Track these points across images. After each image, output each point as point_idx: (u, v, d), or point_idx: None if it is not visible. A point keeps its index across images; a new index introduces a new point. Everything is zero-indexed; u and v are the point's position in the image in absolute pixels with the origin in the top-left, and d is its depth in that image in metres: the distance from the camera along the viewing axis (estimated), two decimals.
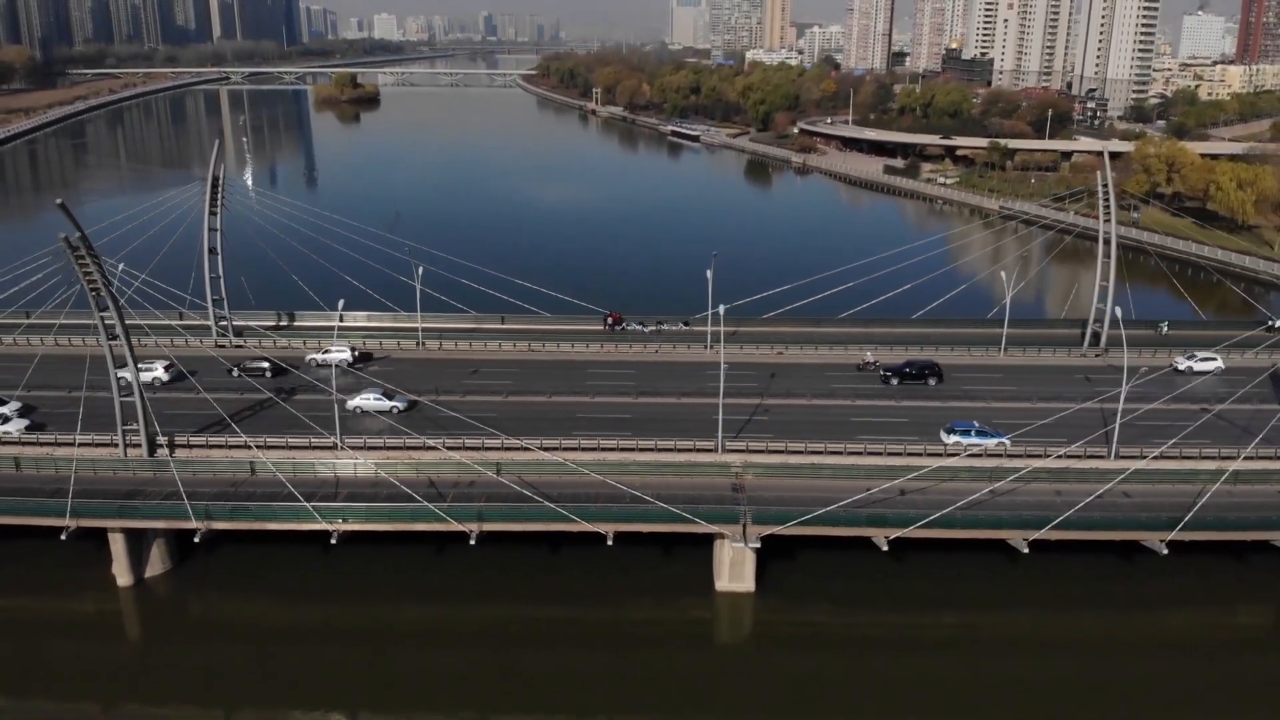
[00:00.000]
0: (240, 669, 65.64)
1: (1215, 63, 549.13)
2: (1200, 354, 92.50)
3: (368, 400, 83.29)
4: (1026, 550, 67.05)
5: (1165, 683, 64.80)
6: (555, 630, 68.97)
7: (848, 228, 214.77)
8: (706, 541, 70.22)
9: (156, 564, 72.09)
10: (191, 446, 75.61)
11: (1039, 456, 72.26)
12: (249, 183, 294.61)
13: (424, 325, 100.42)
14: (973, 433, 76.89)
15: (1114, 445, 72.63)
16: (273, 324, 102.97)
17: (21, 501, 68.74)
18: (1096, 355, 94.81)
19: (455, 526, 66.87)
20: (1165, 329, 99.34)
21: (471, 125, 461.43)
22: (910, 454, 73.43)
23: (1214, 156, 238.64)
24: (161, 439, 75.23)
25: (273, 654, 67.03)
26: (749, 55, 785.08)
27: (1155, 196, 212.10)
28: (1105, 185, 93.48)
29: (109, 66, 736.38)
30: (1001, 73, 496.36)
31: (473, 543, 67.84)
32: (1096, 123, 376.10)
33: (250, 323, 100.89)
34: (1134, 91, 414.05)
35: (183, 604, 72.37)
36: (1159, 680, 64.96)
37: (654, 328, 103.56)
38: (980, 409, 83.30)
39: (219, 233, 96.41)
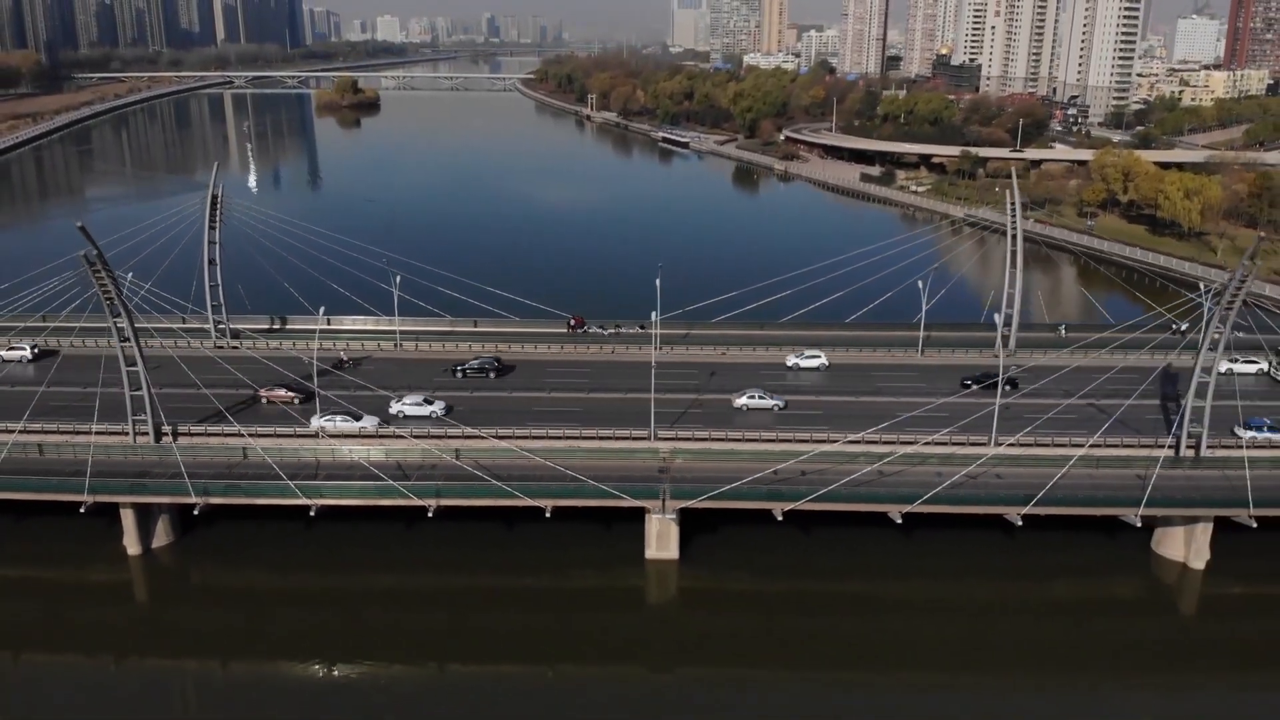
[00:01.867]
0: (234, 627, 75.91)
1: (1204, 67, 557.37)
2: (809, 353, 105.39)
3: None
4: (900, 521, 77.64)
5: (1044, 640, 74.45)
6: (506, 595, 79.42)
7: (814, 233, 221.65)
8: (638, 517, 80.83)
9: (162, 536, 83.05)
10: (192, 434, 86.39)
11: (910, 443, 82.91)
12: (252, 187, 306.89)
13: (403, 328, 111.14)
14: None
15: (994, 433, 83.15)
16: (266, 327, 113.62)
17: (46, 480, 79.81)
18: (1008, 355, 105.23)
19: (416, 502, 77.75)
20: (1064, 331, 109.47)
21: (468, 130, 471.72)
22: (815, 441, 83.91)
23: (1178, 165, 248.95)
24: (166, 427, 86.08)
25: (262, 615, 77.28)
26: (746, 59, 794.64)
27: (1114, 204, 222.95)
28: (1013, 203, 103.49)
29: (114, 70, 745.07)
30: (989, 79, 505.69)
31: (430, 515, 78.59)
32: (1075, 129, 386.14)
33: (246, 326, 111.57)
34: (1114, 98, 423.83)
35: (185, 572, 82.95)
36: (1038, 638, 74.66)
37: (612, 330, 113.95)
38: (890, 403, 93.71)
39: (218, 245, 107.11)
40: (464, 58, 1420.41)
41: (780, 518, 77.82)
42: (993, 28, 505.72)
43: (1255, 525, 76.84)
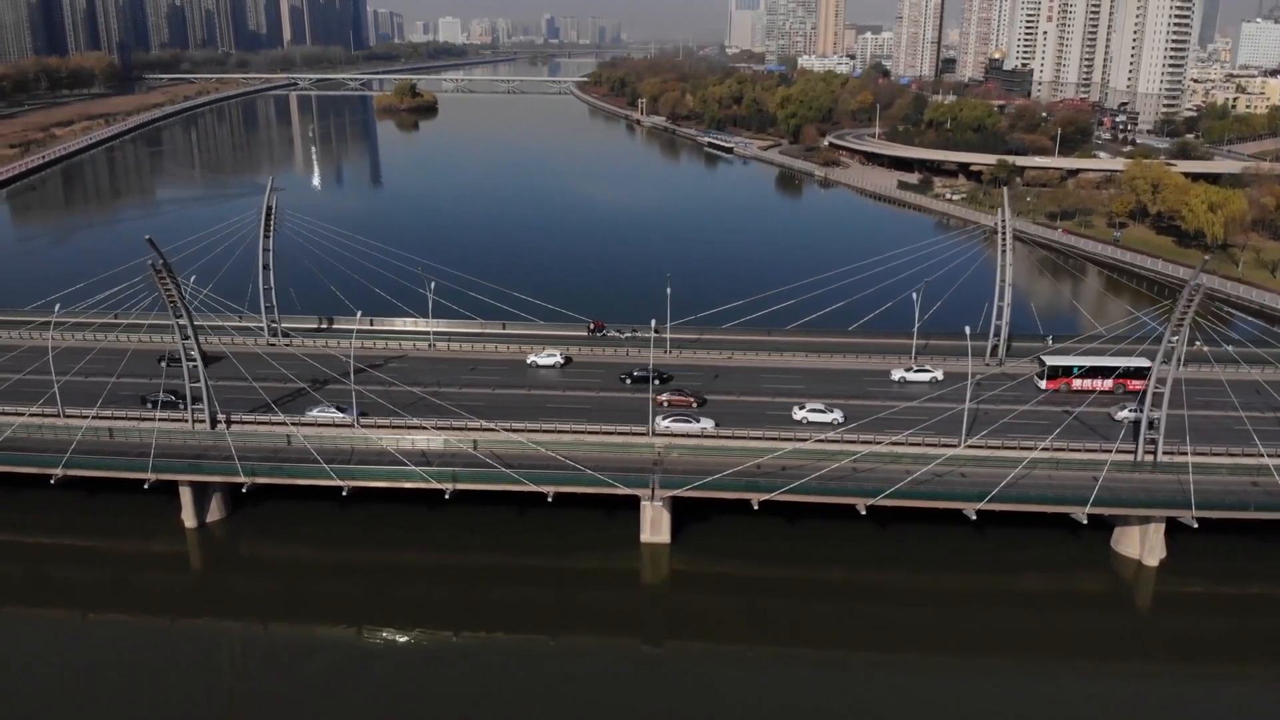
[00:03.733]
0: (276, 594, 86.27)
1: (1267, 73, 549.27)
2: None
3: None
4: (864, 512, 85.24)
5: (1010, 629, 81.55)
6: (515, 572, 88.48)
7: (842, 240, 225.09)
8: (635, 504, 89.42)
9: (215, 512, 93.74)
10: (244, 422, 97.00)
11: (873, 442, 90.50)
12: (317, 187, 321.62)
13: (436, 329, 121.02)
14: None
15: (964, 435, 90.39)
16: (313, 326, 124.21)
17: (115, 459, 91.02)
18: (999, 365, 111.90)
19: (435, 485, 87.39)
20: (1050, 341, 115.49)
21: (521, 134, 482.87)
22: (798, 439, 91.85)
23: (1214, 177, 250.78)
24: (220, 416, 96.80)
25: (300, 583, 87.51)
26: (801, 61, 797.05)
27: (1145, 215, 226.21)
28: (1003, 220, 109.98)
29: (183, 71, 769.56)
30: (1040, 84, 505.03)
31: (447, 498, 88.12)
32: (1122, 137, 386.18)
33: (295, 325, 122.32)
34: (1164, 105, 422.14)
35: (235, 544, 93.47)
36: (1004, 627, 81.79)
37: (629, 334, 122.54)
38: (875, 405, 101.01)
39: (271, 252, 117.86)
40: (523, 59, 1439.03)
41: (756, 507, 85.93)
42: (1044, 33, 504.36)
43: (1196, 526, 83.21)
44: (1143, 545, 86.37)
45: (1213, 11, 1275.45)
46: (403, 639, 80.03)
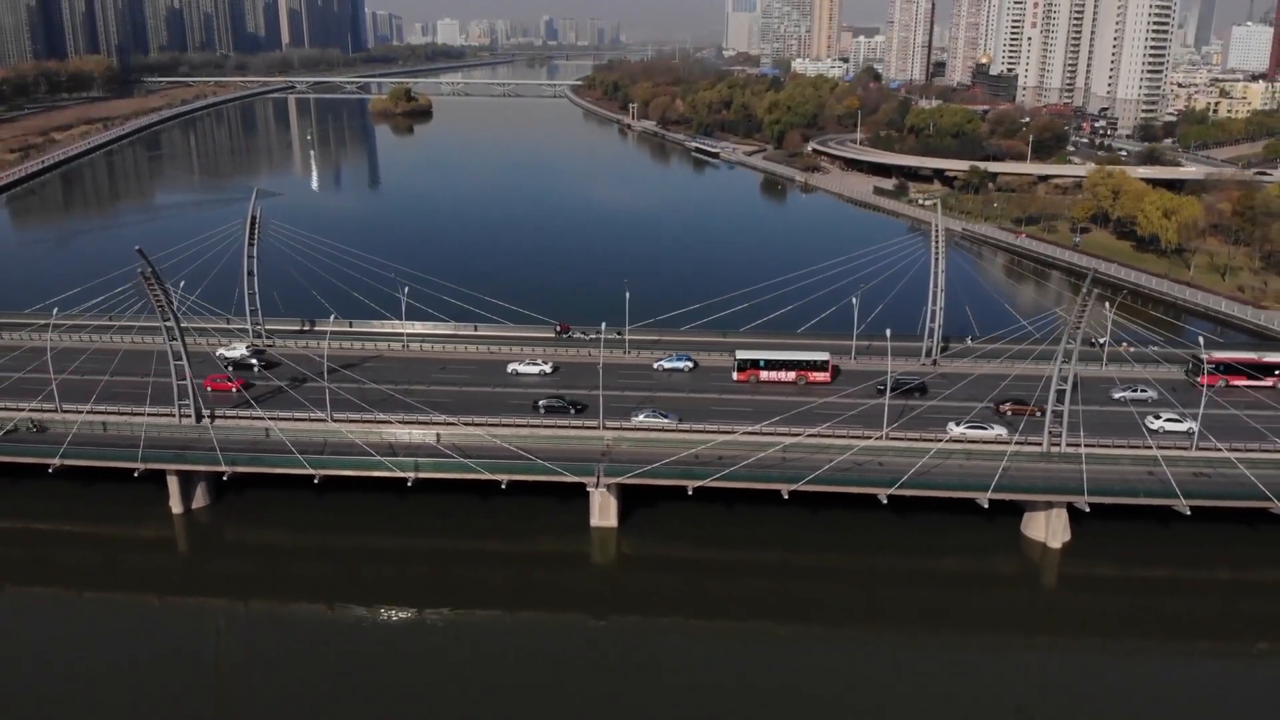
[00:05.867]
0: (256, 574, 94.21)
1: (1254, 78, 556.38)
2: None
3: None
4: (786, 497, 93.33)
5: (928, 605, 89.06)
6: (477, 554, 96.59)
7: (810, 244, 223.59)
8: (586, 492, 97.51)
9: (200, 499, 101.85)
10: (226, 417, 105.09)
11: (796, 434, 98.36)
12: (315, 189, 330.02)
13: (410, 331, 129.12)
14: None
15: (885, 427, 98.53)
16: (296, 329, 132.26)
17: (107, 450, 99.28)
18: (933, 364, 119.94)
19: (399, 474, 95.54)
20: (970, 340, 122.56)
21: (512, 138, 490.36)
22: (729, 431, 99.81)
23: (1170, 184, 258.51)
24: (205, 411, 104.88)
25: (279, 565, 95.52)
26: (795, 64, 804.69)
27: (1107, 221, 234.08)
28: (937, 228, 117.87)
29: (182, 74, 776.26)
30: (1025, 89, 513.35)
31: (410, 485, 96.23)
32: (1101, 142, 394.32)
33: (279, 328, 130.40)
34: (1143, 111, 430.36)
35: (219, 529, 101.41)
36: (924, 603, 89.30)
37: (594, 335, 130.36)
38: (808, 400, 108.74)
39: (255, 259, 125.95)
40: (521, 61, 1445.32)
41: (690, 492, 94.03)
42: (1029, 39, 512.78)
43: (1088, 510, 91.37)
44: (1048, 529, 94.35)
45: (1209, 14, 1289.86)
46: (372, 615, 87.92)
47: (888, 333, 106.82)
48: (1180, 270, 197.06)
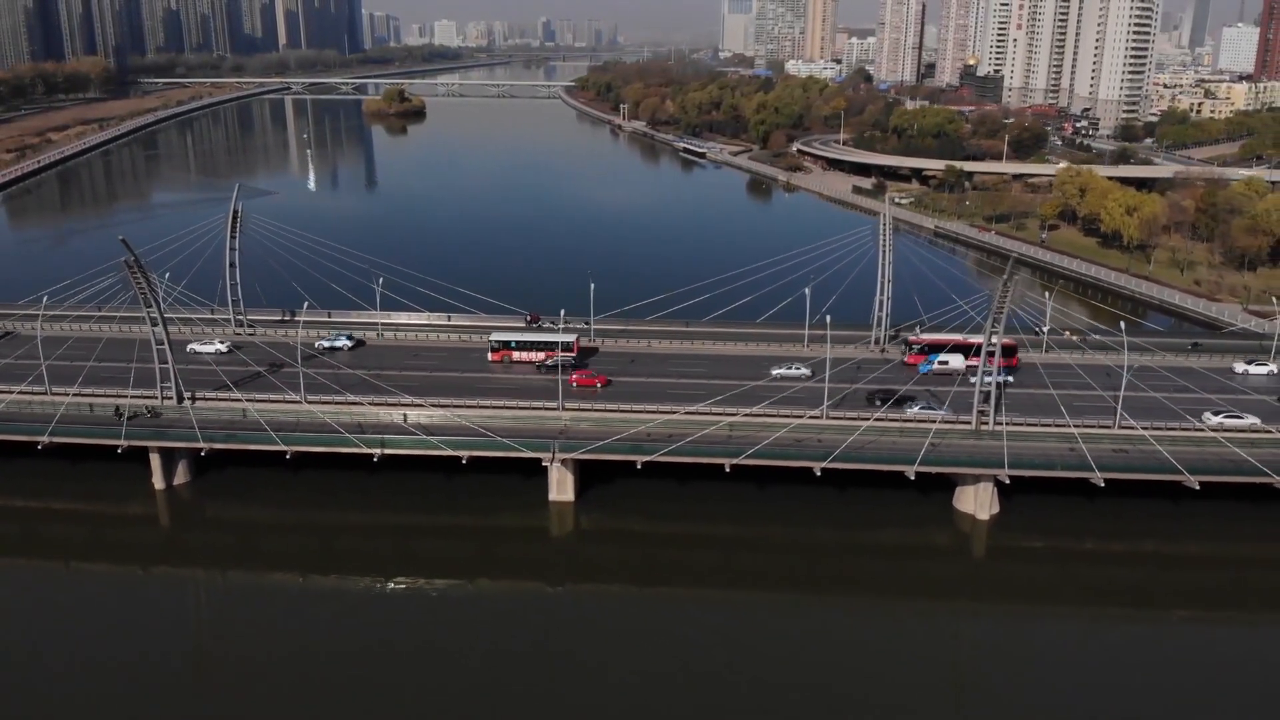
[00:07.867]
0: (234, 547, 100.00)
1: (1240, 79, 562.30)
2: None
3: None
4: (729, 470, 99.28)
5: (866, 574, 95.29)
6: (442, 528, 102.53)
7: (784, 239, 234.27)
8: (544, 469, 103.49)
9: (182, 476, 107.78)
10: (206, 399, 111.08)
11: (733, 414, 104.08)
12: (311, 188, 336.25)
13: (384, 321, 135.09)
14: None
15: (824, 407, 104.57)
16: (277, 319, 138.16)
17: (94, 428, 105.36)
18: (882, 351, 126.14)
19: (365, 450, 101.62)
20: (919, 332, 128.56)
21: (504, 138, 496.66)
22: (677, 411, 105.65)
23: (1140, 183, 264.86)
24: (186, 393, 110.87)
25: (256, 538, 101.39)
26: (788, 65, 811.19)
27: (1075, 219, 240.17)
28: (885, 226, 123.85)
29: (179, 75, 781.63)
30: (1011, 90, 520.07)
31: (376, 460, 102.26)
32: (1082, 142, 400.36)
33: (261, 317, 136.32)
34: (1124, 111, 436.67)
35: (199, 504, 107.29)
36: (862, 572, 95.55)
37: (562, 325, 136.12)
38: (761, 385, 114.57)
39: (237, 252, 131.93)
40: (518, 62, 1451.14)
41: (640, 466, 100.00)
42: (1014, 40, 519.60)
43: (1009, 482, 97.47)
44: (976, 502, 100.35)
45: (1204, 15, 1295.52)
46: (343, 585, 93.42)
47: (828, 319, 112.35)
48: (1141, 265, 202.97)
